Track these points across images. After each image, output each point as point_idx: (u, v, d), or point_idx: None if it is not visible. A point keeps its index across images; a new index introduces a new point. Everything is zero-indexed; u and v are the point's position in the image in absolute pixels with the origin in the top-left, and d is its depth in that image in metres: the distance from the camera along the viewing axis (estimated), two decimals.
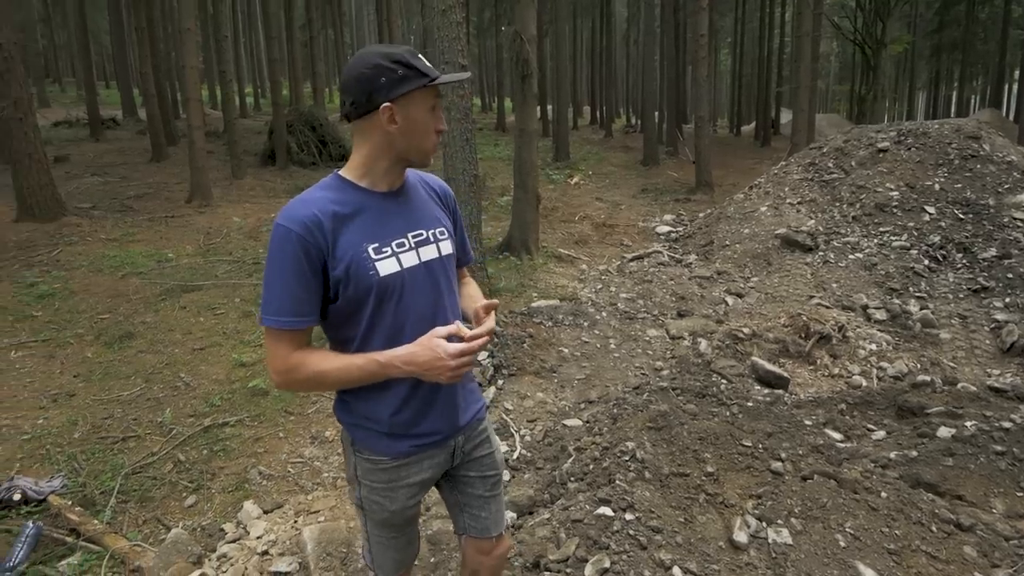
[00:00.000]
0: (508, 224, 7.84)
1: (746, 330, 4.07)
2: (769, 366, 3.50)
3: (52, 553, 2.44)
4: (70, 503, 2.73)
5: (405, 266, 1.11)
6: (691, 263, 6.66)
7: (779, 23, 25.23)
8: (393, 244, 1.11)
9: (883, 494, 2.13)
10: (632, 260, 7.22)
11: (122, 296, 5.60)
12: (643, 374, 4.06)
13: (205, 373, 4.21)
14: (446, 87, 1.32)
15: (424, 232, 1.17)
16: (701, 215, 8.91)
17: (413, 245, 1.14)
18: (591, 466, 2.48)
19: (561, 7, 15.96)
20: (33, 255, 6.61)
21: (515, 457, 3.01)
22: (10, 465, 3.09)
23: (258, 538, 2.52)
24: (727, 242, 6.65)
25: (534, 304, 5.55)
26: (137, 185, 10.69)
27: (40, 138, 8.13)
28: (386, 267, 1.09)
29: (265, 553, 2.33)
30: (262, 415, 3.71)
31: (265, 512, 2.79)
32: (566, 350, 4.56)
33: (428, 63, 1.11)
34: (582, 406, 3.53)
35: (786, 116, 22.48)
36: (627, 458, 2.37)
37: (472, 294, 1.37)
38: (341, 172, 1.15)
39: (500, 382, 3.98)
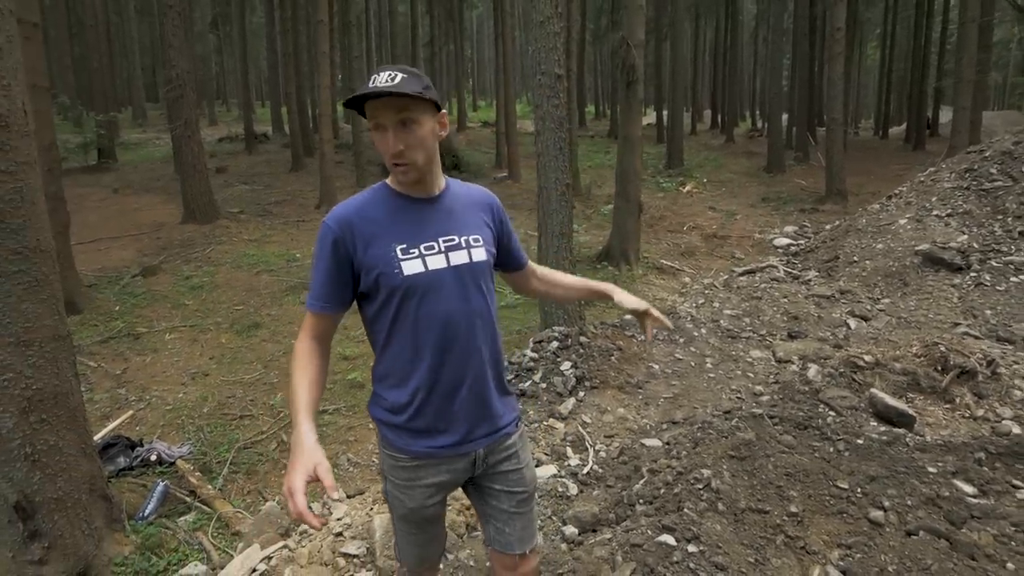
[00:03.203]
0: (609, 233, 7.68)
1: (868, 358, 3.55)
2: (891, 400, 3.01)
3: (174, 510, 2.82)
4: (192, 468, 3.14)
5: (431, 268, 1.14)
6: (810, 280, 6.01)
7: (941, 9, 21.99)
8: (422, 247, 1.15)
9: (1009, 565, 1.73)
10: (742, 274, 6.68)
11: (254, 290, 6.35)
12: (739, 398, 3.73)
13: None
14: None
15: (456, 238, 1.19)
16: (827, 227, 8.01)
17: (443, 249, 1.17)
18: (662, 490, 2.32)
19: (680, 8, 15.33)
20: (191, 252, 7.75)
21: (586, 472, 2.91)
22: (154, 430, 3.63)
23: (338, 520, 2.69)
24: (855, 258, 5.91)
25: (626, 316, 5.36)
26: (278, 192, 12.10)
27: (203, 152, 9.54)
28: (410, 267, 1.13)
29: (339, 535, 2.48)
30: (357, 406, 3.98)
31: (348, 496, 2.98)
32: (656, 366, 4.32)
33: (384, 83, 1.07)
34: (664, 426, 3.32)
35: (948, 115, 19.49)
36: (700, 486, 2.17)
37: (564, 280, 1.51)
38: (388, 179, 1.23)
39: (581, 394, 3.87)
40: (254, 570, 2.34)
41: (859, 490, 2.09)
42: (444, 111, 1.19)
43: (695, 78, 27.13)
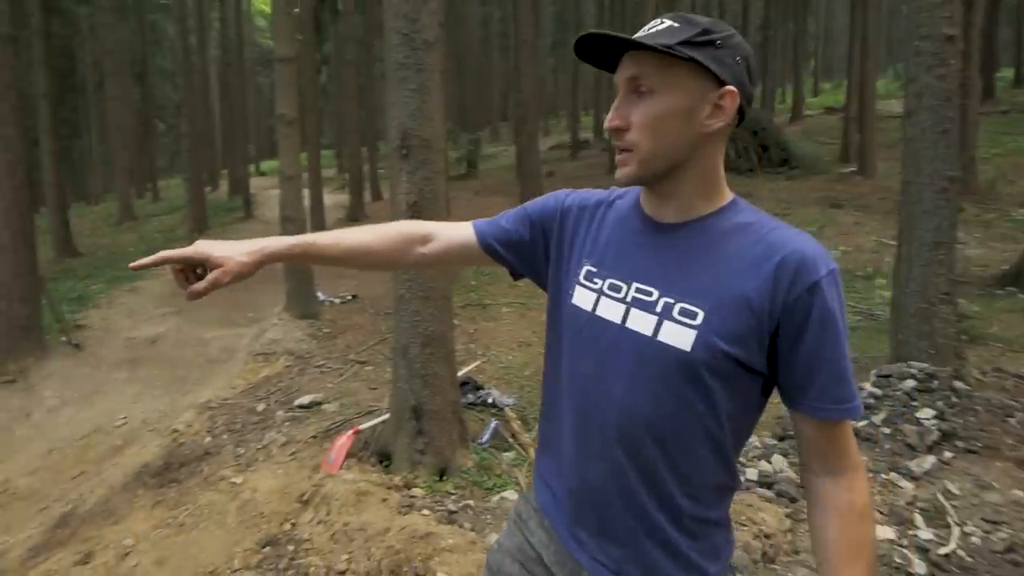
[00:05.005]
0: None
1: None
2: None
3: (499, 445, 3.47)
4: (515, 416, 3.80)
5: (597, 312, 0.82)
6: None
7: None
8: (607, 281, 0.82)
9: None
10: None
11: None
12: None
13: None
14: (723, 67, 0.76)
15: (655, 293, 0.78)
16: None
17: (627, 299, 0.79)
18: None
19: None
20: None
21: (944, 553, 2.30)
22: (490, 380, 4.53)
23: None
24: None
25: None
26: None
27: (540, 160, 11.23)
28: (580, 297, 0.84)
29: None
30: None
31: None
32: None
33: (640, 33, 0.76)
34: None
35: None
36: None
37: (830, 542, 0.76)
38: None
39: (947, 455, 3.04)
40: None
41: None
42: (731, 87, 0.74)
43: None
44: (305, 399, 4.05)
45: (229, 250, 0.84)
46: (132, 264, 0.84)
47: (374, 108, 17.98)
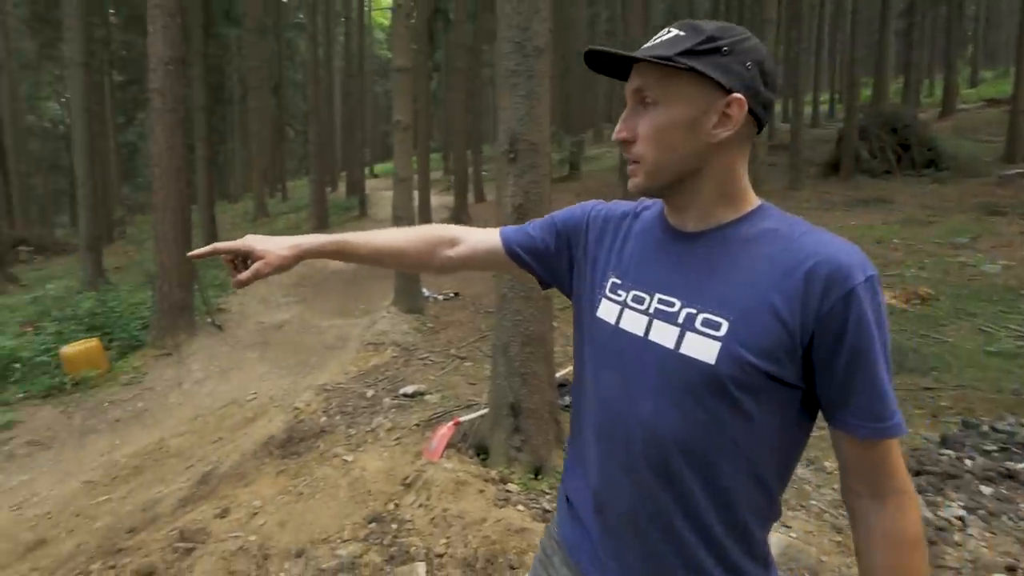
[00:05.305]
0: None
1: None
2: None
3: None
4: None
5: (620, 325, 0.80)
6: None
7: None
8: (632, 293, 0.81)
9: None
10: None
11: None
12: None
13: None
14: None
15: (677, 304, 0.75)
16: None
17: (650, 310, 0.78)
18: None
19: None
20: None
21: None
22: None
23: None
24: None
25: None
26: None
27: None
28: (605, 310, 0.83)
29: None
30: None
31: None
32: None
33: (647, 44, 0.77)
34: None
35: None
36: None
37: (876, 570, 0.71)
38: None
39: None
40: None
41: None
42: (737, 95, 0.72)
43: None
44: (409, 389, 4.30)
45: (271, 245, 0.92)
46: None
47: (480, 112, 18.56)
